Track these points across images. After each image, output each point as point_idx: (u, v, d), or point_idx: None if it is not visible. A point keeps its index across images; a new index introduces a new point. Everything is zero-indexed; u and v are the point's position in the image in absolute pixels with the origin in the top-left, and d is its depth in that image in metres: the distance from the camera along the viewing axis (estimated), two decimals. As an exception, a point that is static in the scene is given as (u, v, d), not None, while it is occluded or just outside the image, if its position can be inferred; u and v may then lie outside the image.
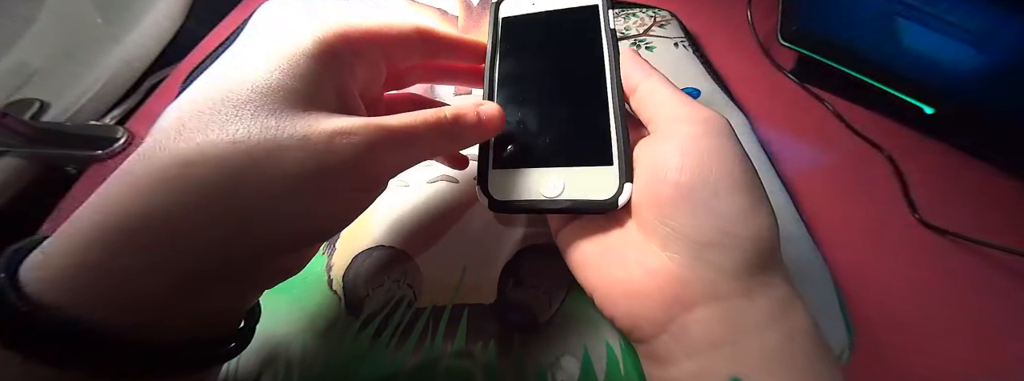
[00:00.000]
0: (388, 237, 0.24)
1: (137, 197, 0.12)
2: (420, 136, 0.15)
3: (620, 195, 0.18)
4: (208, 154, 0.12)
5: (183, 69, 0.35)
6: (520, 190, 0.19)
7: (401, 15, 0.37)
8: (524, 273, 0.23)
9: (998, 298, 0.27)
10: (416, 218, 0.25)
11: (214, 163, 0.12)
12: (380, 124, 0.14)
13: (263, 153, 0.12)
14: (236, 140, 0.12)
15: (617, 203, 0.18)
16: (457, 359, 0.21)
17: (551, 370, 0.21)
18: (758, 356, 0.15)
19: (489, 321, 0.22)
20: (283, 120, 0.13)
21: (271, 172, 0.12)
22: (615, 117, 0.19)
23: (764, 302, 0.15)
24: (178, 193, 0.12)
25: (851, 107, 0.36)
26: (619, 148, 0.18)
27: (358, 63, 0.16)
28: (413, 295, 0.23)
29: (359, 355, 0.21)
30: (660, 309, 0.16)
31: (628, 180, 0.18)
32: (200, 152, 0.12)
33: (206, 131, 0.12)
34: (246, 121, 0.13)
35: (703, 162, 0.16)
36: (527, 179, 0.19)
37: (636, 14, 0.39)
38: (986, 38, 0.28)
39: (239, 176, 0.12)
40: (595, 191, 0.18)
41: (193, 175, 0.12)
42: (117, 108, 0.36)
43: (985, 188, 0.31)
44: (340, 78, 0.15)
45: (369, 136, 0.14)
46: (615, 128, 0.19)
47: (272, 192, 0.13)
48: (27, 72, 0.34)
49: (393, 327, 0.22)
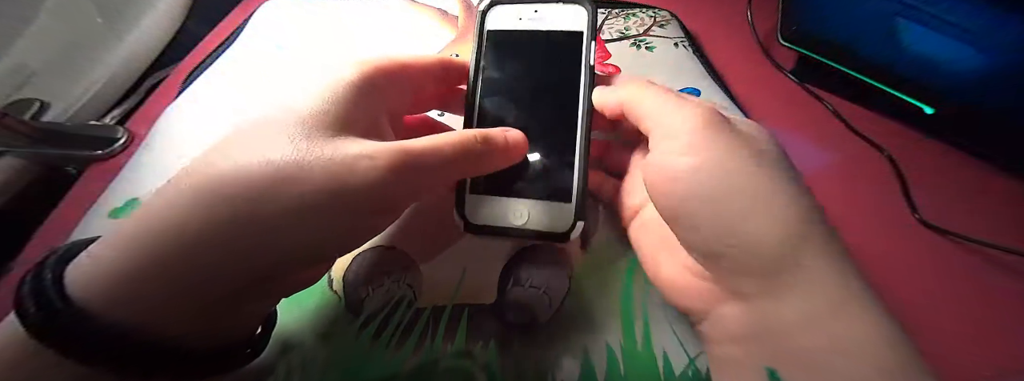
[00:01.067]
0: (388, 238, 0.24)
1: (176, 210, 0.13)
2: (446, 157, 0.16)
3: (573, 230, 0.21)
4: (242, 172, 0.13)
5: (183, 69, 0.35)
6: (492, 216, 0.21)
7: (404, 18, 0.37)
8: (524, 273, 0.23)
9: (998, 298, 0.27)
10: (417, 219, 0.25)
11: (245, 180, 0.13)
12: (402, 148, 0.15)
13: (291, 172, 0.13)
14: (269, 160, 0.14)
15: (569, 237, 0.21)
16: (457, 359, 0.21)
17: (551, 370, 0.21)
18: (796, 356, 0.15)
19: (489, 321, 0.22)
20: (314, 143, 0.14)
21: (296, 189, 0.13)
22: (579, 159, 0.21)
23: (798, 304, 0.15)
24: (211, 207, 0.13)
25: (851, 107, 0.36)
26: (578, 188, 0.21)
27: (390, 91, 0.18)
28: (413, 295, 0.23)
29: (359, 355, 0.21)
30: (698, 302, 0.18)
31: (581, 219, 0.21)
32: (235, 169, 0.13)
33: (245, 151, 0.14)
34: (281, 143, 0.14)
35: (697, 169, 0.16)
36: (499, 206, 0.21)
37: (636, 14, 0.39)
38: (986, 38, 0.28)
39: (266, 192, 0.13)
40: (554, 224, 0.21)
41: (226, 192, 0.13)
42: (117, 108, 0.36)
43: (985, 188, 0.31)
44: (373, 104, 0.17)
45: (390, 160, 0.15)
46: (577, 169, 0.21)
47: (296, 207, 0.13)
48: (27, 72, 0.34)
49: (393, 327, 0.22)
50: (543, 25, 0.23)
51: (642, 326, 0.23)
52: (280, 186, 0.13)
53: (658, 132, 0.18)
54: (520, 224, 0.21)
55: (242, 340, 0.17)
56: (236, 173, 0.13)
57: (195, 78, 0.33)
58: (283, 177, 0.13)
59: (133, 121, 0.34)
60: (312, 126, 0.15)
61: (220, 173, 0.13)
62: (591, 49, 0.22)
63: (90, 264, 0.13)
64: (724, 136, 0.16)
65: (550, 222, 0.21)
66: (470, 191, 0.21)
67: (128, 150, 0.31)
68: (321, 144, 0.14)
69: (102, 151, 0.31)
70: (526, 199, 0.21)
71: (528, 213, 0.21)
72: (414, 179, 0.16)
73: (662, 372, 0.22)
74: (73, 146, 0.31)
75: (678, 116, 0.17)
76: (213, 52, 0.35)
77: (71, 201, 0.29)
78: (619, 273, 0.24)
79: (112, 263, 0.13)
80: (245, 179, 0.13)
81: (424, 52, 0.34)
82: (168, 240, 0.13)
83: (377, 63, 0.17)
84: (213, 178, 0.13)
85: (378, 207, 0.16)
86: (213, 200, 0.13)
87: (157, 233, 0.13)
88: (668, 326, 0.23)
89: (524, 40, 0.23)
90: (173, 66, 0.37)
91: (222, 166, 0.14)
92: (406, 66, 0.19)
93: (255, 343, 0.17)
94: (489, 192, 0.21)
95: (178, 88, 0.33)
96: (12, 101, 0.33)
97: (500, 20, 0.23)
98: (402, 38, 0.36)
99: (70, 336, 0.12)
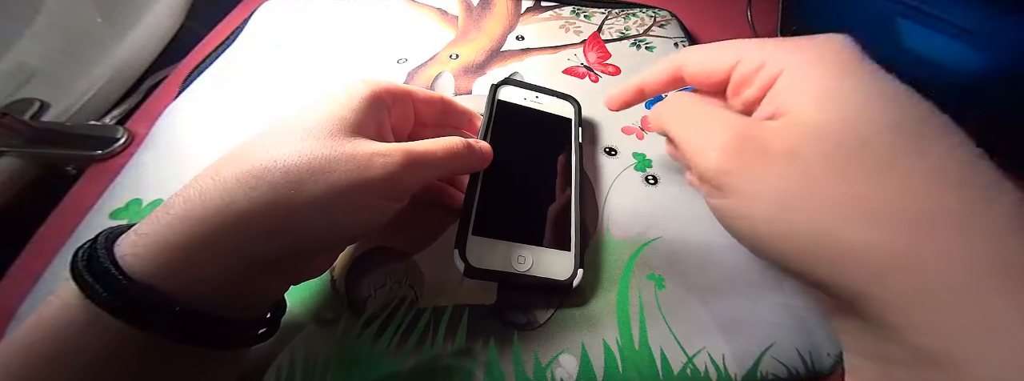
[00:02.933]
0: (390, 238, 0.24)
1: (220, 193, 0.15)
2: (439, 156, 0.19)
3: (574, 278, 0.22)
4: (278, 163, 0.16)
5: (183, 69, 0.35)
6: (493, 260, 0.21)
7: (404, 18, 0.37)
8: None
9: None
10: (416, 217, 0.25)
11: (282, 170, 0.16)
12: (407, 148, 0.18)
13: (321, 164, 0.16)
14: (301, 153, 0.16)
15: (572, 285, 0.22)
16: (458, 358, 0.21)
17: (550, 367, 0.21)
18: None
19: (489, 321, 0.22)
20: (336, 142, 0.17)
21: (326, 178, 0.16)
22: (575, 214, 0.24)
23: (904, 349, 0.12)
24: (254, 189, 0.15)
25: (851, 107, 0.36)
26: (575, 239, 0.23)
27: (395, 107, 0.21)
28: (415, 296, 0.23)
29: (361, 354, 0.21)
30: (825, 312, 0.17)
31: (581, 267, 0.22)
32: (272, 160, 0.16)
33: (279, 145, 0.16)
34: (309, 141, 0.17)
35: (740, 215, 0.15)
36: (501, 250, 0.22)
37: (636, 14, 0.39)
38: (986, 38, 0.28)
39: (303, 179, 0.16)
40: (556, 271, 0.22)
41: (265, 179, 0.15)
42: (117, 108, 0.36)
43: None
44: (380, 116, 0.20)
45: (400, 157, 0.18)
46: (574, 222, 0.24)
47: (326, 193, 0.16)
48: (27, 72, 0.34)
49: (395, 327, 0.22)
50: (542, 107, 0.28)
51: (638, 325, 0.23)
52: (314, 175, 0.16)
53: (694, 168, 0.16)
54: (523, 270, 0.21)
55: (259, 318, 0.18)
56: (275, 163, 0.16)
57: (195, 78, 0.33)
58: (315, 167, 0.16)
59: (133, 121, 0.34)
60: (333, 128, 0.17)
61: (261, 162, 0.16)
62: (579, 132, 0.28)
63: (140, 239, 0.15)
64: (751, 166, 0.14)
65: (552, 269, 0.22)
66: (473, 232, 0.22)
67: (128, 150, 0.31)
68: (343, 143, 0.17)
69: (102, 151, 0.31)
70: (529, 245, 0.22)
71: (531, 259, 0.22)
72: (418, 172, 0.18)
73: (660, 371, 0.22)
74: (73, 146, 0.31)
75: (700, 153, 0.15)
76: (213, 52, 0.35)
77: (71, 201, 0.29)
78: (616, 273, 0.24)
79: (164, 238, 0.15)
80: (283, 168, 0.16)
81: (424, 52, 0.34)
82: (215, 218, 0.15)
83: (385, 84, 0.21)
84: (255, 167, 0.16)
85: (391, 194, 0.18)
86: (256, 184, 0.15)
87: (204, 212, 0.15)
88: (664, 325, 0.23)
89: (528, 114, 0.28)
90: (173, 66, 0.37)
91: (262, 156, 0.16)
92: (410, 93, 0.22)
93: (269, 323, 0.19)
94: (492, 235, 0.22)
95: (178, 88, 0.33)
96: (12, 101, 0.33)
97: (509, 95, 0.28)
98: (402, 38, 0.36)
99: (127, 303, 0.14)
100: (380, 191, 0.17)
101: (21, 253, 0.26)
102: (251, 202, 0.15)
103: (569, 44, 0.36)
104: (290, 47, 0.35)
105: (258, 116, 0.30)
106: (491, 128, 0.25)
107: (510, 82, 0.28)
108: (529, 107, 0.28)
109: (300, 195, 0.15)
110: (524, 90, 0.28)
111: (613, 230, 0.26)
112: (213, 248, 0.15)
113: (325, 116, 0.18)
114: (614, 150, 0.30)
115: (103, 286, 0.14)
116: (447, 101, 0.25)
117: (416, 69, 0.33)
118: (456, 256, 0.21)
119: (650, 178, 0.29)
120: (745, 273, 0.25)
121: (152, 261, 0.14)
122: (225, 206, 0.15)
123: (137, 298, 0.14)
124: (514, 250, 0.22)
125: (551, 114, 0.28)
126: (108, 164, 0.31)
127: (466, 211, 0.22)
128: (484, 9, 0.38)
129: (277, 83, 0.32)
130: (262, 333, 0.18)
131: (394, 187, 0.18)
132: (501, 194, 0.23)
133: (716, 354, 0.22)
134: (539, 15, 0.38)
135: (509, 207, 0.23)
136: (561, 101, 0.29)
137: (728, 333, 0.23)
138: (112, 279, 0.14)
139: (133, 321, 0.14)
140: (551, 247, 0.23)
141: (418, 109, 0.23)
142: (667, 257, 0.25)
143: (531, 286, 0.22)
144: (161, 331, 0.14)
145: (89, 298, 0.14)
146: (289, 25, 0.36)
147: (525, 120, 0.27)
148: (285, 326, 0.22)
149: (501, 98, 0.27)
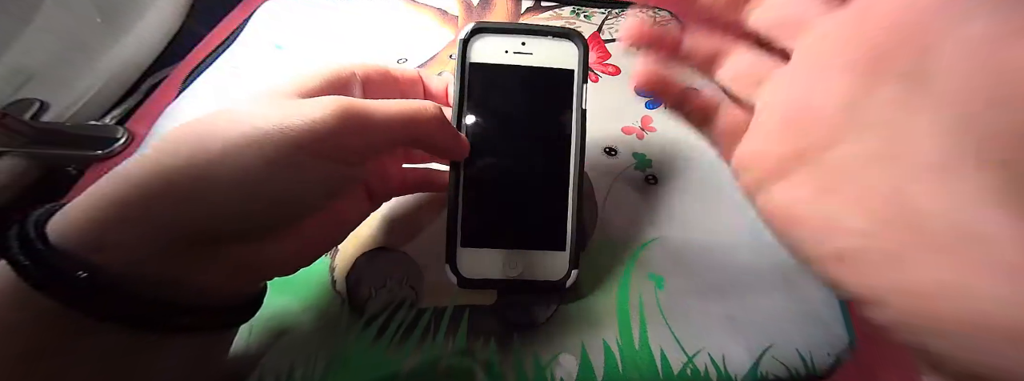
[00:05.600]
0: (389, 239, 0.24)
1: (141, 158, 0.14)
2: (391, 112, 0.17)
3: (568, 279, 0.21)
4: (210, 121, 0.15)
5: (183, 69, 0.35)
6: (485, 269, 0.21)
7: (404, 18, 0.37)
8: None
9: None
10: (412, 213, 0.25)
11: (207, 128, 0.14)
12: (346, 99, 0.16)
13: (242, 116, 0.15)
14: (233, 115, 0.15)
15: (565, 285, 0.21)
16: (458, 358, 0.21)
17: (550, 367, 0.21)
18: None
19: (489, 321, 0.22)
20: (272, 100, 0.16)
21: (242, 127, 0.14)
22: (572, 206, 0.21)
23: None
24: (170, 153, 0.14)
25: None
26: (571, 237, 0.21)
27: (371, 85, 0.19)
28: (415, 296, 0.23)
29: (361, 354, 0.21)
30: None
31: (575, 267, 0.21)
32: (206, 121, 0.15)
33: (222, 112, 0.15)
34: (246, 103, 0.15)
35: None
36: (491, 259, 0.21)
37: (636, 14, 0.39)
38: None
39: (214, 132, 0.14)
40: (549, 273, 0.21)
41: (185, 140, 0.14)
42: (117, 108, 0.36)
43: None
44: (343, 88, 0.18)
45: (335, 104, 0.15)
46: (570, 218, 0.21)
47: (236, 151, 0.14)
48: (27, 72, 0.34)
49: (395, 327, 0.22)
50: (531, 61, 0.21)
51: (639, 325, 0.23)
52: (229, 125, 0.14)
53: None
54: (515, 276, 0.21)
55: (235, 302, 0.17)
56: (203, 123, 0.15)
57: (195, 78, 0.33)
58: (233, 119, 0.14)
59: (133, 121, 0.34)
60: (279, 91, 0.16)
61: (193, 126, 0.15)
62: (583, 92, 0.21)
63: (61, 215, 0.14)
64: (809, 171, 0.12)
65: (545, 271, 0.21)
66: (461, 245, 0.21)
67: (128, 150, 0.31)
68: (279, 100, 0.16)
69: (102, 151, 0.31)
70: (519, 250, 0.21)
71: (522, 264, 0.21)
72: (360, 127, 0.16)
73: (660, 370, 0.22)
74: (73, 146, 0.31)
75: None
76: (213, 52, 0.35)
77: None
78: (617, 272, 0.24)
79: (83, 212, 0.14)
80: (208, 127, 0.14)
81: (424, 52, 0.34)
82: (132, 181, 0.14)
83: (356, 63, 0.19)
84: (186, 128, 0.15)
85: (328, 150, 0.15)
86: (175, 148, 0.14)
87: (117, 183, 0.14)
88: (664, 325, 0.23)
89: (511, 77, 0.21)
90: (173, 66, 0.37)
91: (195, 124, 0.15)
92: (389, 71, 0.20)
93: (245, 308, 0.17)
94: (480, 244, 0.21)
95: (178, 88, 0.33)
96: (12, 101, 0.33)
97: (484, 52, 0.21)
98: (402, 38, 0.36)
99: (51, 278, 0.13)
100: (310, 145, 0.15)
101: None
102: (165, 165, 0.14)
103: (569, 44, 0.36)
104: (290, 47, 0.35)
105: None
106: (465, 106, 0.20)
107: (484, 30, 0.21)
108: (514, 65, 0.21)
109: (209, 153, 0.14)
110: (506, 37, 0.21)
111: (613, 230, 0.26)
112: (123, 212, 0.14)
113: (277, 83, 0.17)
114: (614, 150, 0.30)
115: (19, 247, 0.13)
116: (422, 78, 0.22)
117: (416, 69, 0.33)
118: (447, 270, 0.21)
119: (650, 178, 0.29)
120: (745, 273, 0.25)
121: (70, 226, 0.14)
122: (140, 170, 0.14)
123: (43, 260, 0.13)
124: (505, 257, 0.21)
125: (545, 69, 0.21)
126: (108, 164, 0.31)
127: (451, 220, 0.20)
128: (484, 9, 0.38)
129: (277, 83, 0.32)
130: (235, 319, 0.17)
131: (330, 144, 0.15)
132: (487, 195, 0.21)
133: (716, 354, 0.22)
134: (539, 15, 0.38)
135: (497, 210, 0.21)
136: (559, 42, 0.21)
137: (728, 333, 0.23)
138: (27, 240, 0.13)
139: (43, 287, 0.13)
140: (545, 248, 0.21)
141: (404, 90, 0.21)
142: (667, 257, 0.25)
143: (524, 289, 0.22)
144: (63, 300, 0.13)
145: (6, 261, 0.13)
146: (289, 25, 0.36)
147: (510, 85, 0.21)
148: (285, 326, 0.22)
149: (475, 59, 0.21)
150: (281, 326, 0.22)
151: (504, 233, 0.21)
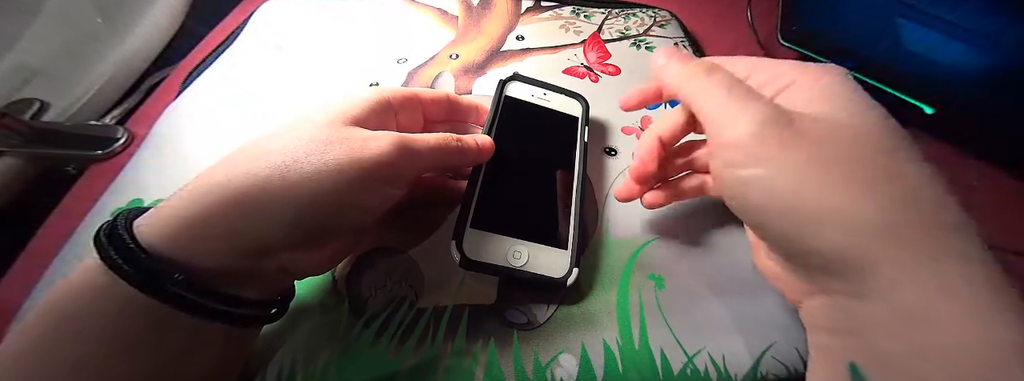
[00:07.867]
0: (389, 239, 0.24)
1: (224, 170, 0.17)
2: (430, 145, 0.20)
3: (569, 276, 0.22)
4: (279, 144, 0.18)
5: (183, 69, 0.35)
6: (490, 253, 0.22)
7: (404, 18, 0.37)
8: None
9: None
10: (414, 215, 0.25)
11: (280, 152, 0.17)
12: (400, 136, 0.19)
13: (317, 146, 0.17)
14: (301, 137, 0.18)
15: (566, 282, 0.22)
16: (457, 357, 0.21)
17: (550, 367, 0.21)
18: (879, 356, 0.14)
19: (489, 321, 0.22)
20: (335, 129, 0.18)
21: (319, 159, 0.17)
22: (574, 213, 0.24)
23: (883, 307, 0.14)
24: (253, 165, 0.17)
25: (851, 107, 0.36)
26: (573, 238, 0.23)
27: (402, 111, 0.23)
28: (415, 296, 0.23)
29: (361, 354, 0.21)
30: (790, 292, 0.19)
31: (576, 266, 0.22)
32: (275, 143, 0.18)
33: (284, 133, 0.18)
34: (311, 128, 0.18)
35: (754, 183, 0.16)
36: (497, 244, 0.22)
37: (636, 14, 0.39)
38: (986, 38, 0.28)
39: (299, 157, 0.17)
40: (551, 269, 0.22)
41: (265, 159, 0.17)
42: (117, 108, 0.36)
43: (985, 188, 0.31)
44: (385, 117, 0.21)
45: (392, 140, 0.19)
46: (573, 221, 0.24)
47: (318, 169, 0.17)
48: (27, 72, 0.34)
49: (395, 327, 0.22)
50: (549, 105, 0.28)
51: (638, 325, 0.23)
52: (309, 155, 0.17)
53: (716, 139, 0.17)
54: (519, 265, 0.22)
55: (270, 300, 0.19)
56: (275, 145, 0.17)
57: (195, 78, 0.33)
58: (312, 148, 0.17)
59: (133, 121, 0.34)
60: (333, 118, 0.19)
61: (265, 145, 0.18)
62: (585, 131, 0.28)
63: (154, 211, 0.16)
64: (785, 142, 0.16)
65: (548, 266, 0.22)
66: (471, 225, 0.22)
67: (128, 150, 0.31)
68: (341, 130, 0.18)
69: (102, 151, 0.31)
70: (524, 241, 0.22)
71: (527, 255, 0.22)
72: (410, 158, 0.19)
73: (660, 370, 0.22)
74: (73, 146, 0.31)
75: (735, 122, 0.17)
76: (213, 52, 0.35)
77: (71, 201, 0.29)
78: (616, 272, 0.24)
79: (172, 210, 0.16)
80: (281, 149, 0.17)
81: (424, 52, 0.34)
82: (215, 192, 0.16)
83: (392, 90, 0.22)
84: (260, 149, 0.18)
85: (386, 179, 0.19)
86: (256, 165, 0.17)
87: (209, 188, 0.16)
88: (664, 325, 0.23)
89: (533, 110, 0.28)
90: (173, 66, 0.37)
91: (266, 143, 0.18)
92: (417, 95, 0.23)
93: (274, 308, 0.19)
94: (490, 228, 0.22)
95: (178, 88, 0.33)
96: (12, 101, 0.33)
97: (516, 91, 0.28)
98: (402, 38, 0.36)
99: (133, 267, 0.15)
100: (373, 173, 0.18)
101: (21, 253, 0.26)
102: (247, 179, 0.16)
103: (569, 44, 0.36)
104: (290, 47, 0.35)
105: (258, 116, 0.30)
106: (496, 123, 0.25)
107: (519, 78, 0.28)
108: (536, 104, 0.28)
109: (293, 173, 0.17)
110: (532, 87, 0.29)
111: (613, 230, 0.26)
112: (208, 222, 0.16)
113: (329, 109, 0.20)
114: (614, 150, 0.30)
115: (115, 250, 0.15)
116: (452, 98, 0.25)
117: (416, 69, 0.33)
118: (453, 247, 0.21)
119: (650, 178, 0.29)
120: (745, 273, 0.25)
121: (159, 230, 0.16)
122: (226, 181, 0.16)
123: (140, 263, 0.15)
124: (511, 245, 0.22)
125: (558, 112, 0.28)
126: (108, 164, 0.31)
127: (465, 203, 0.22)
128: (484, 9, 0.38)
129: (277, 83, 0.32)
130: (272, 314, 0.19)
131: (389, 171, 0.18)
132: (502, 188, 0.24)
133: (716, 354, 0.22)
134: (539, 15, 0.38)
135: (509, 202, 0.24)
136: (569, 99, 0.29)
137: (728, 333, 0.23)
138: (122, 243, 0.15)
139: (140, 286, 0.15)
140: (548, 245, 0.23)
141: (426, 110, 0.24)
142: (667, 257, 0.25)
143: (525, 282, 0.22)
144: (161, 297, 0.15)
145: (103, 262, 0.15)
146: (289, 25, 0.36)
147: (531, 117, 0.27)
148: (286, 326, 0.22)
149: (509, 94, 0.28)
150: (281, 326, 0.22)
151: (512, 223, 0.23)
